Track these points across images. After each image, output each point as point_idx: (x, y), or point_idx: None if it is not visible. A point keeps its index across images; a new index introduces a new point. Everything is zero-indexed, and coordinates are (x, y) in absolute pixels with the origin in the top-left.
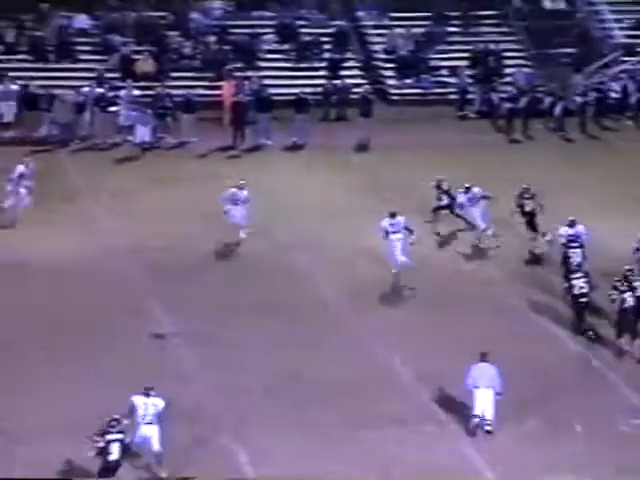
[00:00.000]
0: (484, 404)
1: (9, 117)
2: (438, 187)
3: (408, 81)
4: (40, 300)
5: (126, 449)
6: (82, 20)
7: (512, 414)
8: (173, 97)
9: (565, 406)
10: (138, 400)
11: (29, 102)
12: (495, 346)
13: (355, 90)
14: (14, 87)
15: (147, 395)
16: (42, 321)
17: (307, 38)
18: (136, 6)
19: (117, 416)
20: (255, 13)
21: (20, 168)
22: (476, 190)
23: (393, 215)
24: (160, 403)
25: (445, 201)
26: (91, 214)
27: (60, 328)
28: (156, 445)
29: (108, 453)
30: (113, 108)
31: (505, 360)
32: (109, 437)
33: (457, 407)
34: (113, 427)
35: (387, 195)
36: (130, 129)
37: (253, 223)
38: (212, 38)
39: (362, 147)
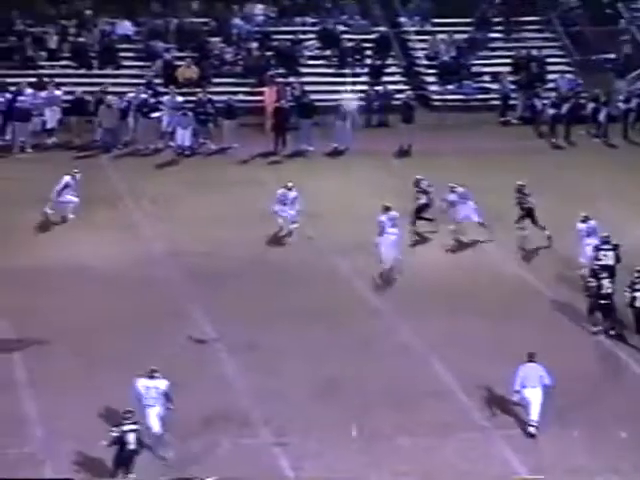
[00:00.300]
0: (533, 405)
1: (53, 123)
2: (417, 185)
3: (450, 87)
4: (82, 303)
5: (141, 439)
6: (125, 26)
7: (556, 421)
8: (215, 103)
9: (609, 413)
10: (142, 383)
11: (74, 108)
12: (541, 353)
13: (397, 96)
14: (58, 93)
15: (151, 377)
16: (83, 324)
17: (349, 44)
18: (179, 12)
19: (131, 408)
20: (297, 19)
21: (66, 179)
22: (461, 190)
23: (388, 209)
24: (163, 384)
25: (423, 200)
26: (133, 219)
27: (101, 332)
28: (156, 427)
29: (125, 443)
30: (156, 114)
31: (547, 366)
32: (125, 428)
33: (501, 414)
34: (128, 418)
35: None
36: (172, 135)
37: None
38: (254, 44)
39: (403, 153)
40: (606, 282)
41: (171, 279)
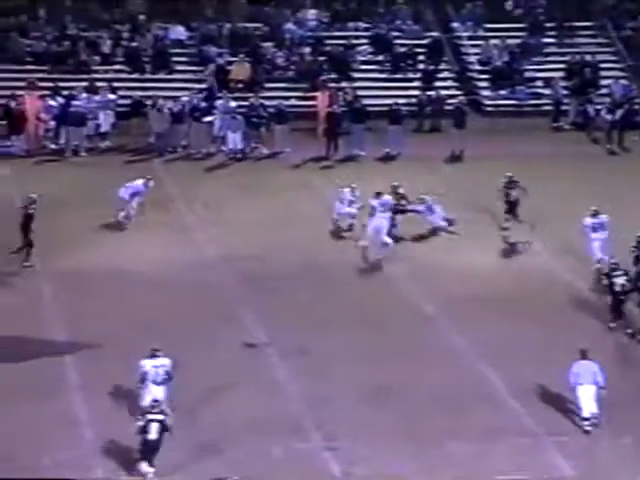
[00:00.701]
0: (587, 401)
1: (106, 127)
2: (395, 193)
3: (502, 92)
4: (134, 307)
5: (165, 430)
6: (178, 31)
7: (608, 429)
8: (266, 107)
9: None
10: (146, 363)
11: (127, 112)
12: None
13: (449, 101)
14: (112, 97)
15: (154, 357)
16: (135, 327)
17: (402, 49)
18: (231, 17)
19: (158, 398)
20: (350, 24)
21: (137, 183)
22: (388, 198)
23: (379, 194)
24: (167, 362)
25: (407, 206)
26: (185, 223)
27: (153, 335)
28: (159, 394)
29: (147, 432)
30: (208, 118)
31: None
32: (149, 417)
33: (551, 420)
34: (154, 408)
35: (480, 206)
36: (224, 139)
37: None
38: (307, 49)
39: (455, 158)
40: (621, 280)
41: (223, 283)
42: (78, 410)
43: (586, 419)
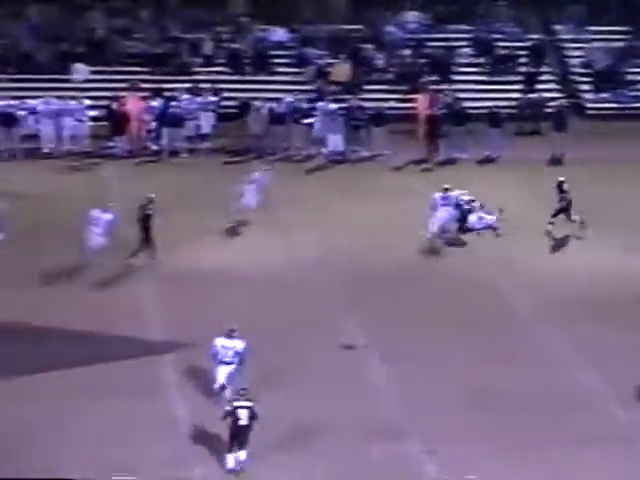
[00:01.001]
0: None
1: (207, 129)
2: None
3: (605, 95)
4: (234, 306)
5: (254, 417)
6: (279, 33)
7: None
8: (366, 109)
9: None
10: (220, 342)
11: (232, 114)
12: None
13: (550, 104)
14: (213, 99)
15: (230, 337)
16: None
17: (503, 52)
18: (332, 19)
19: (246, 386)
20: (451, 26)
21: (255, 175)
22: (452, 194)
23: (447, 190)
24: (240, 345)
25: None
26: (284, 224)
27: (253, 335)
28: (227, 382)
29: (237, 418)
30: (308, 120)
31: None
32: (237, 403)
33: None
34: (243, 395)
35: (580, 210)
36: (324, 141)
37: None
38: (407, 51)
39: (556, 161)
40: None
41: (322, 284)
42: (177, 409)
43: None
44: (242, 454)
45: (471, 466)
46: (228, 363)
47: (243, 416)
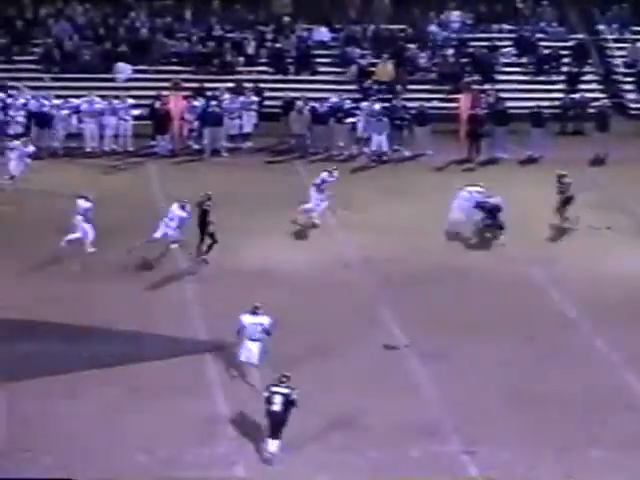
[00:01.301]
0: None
1: (248, 128)
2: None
3: None
4: (276, 306)
5: (291, 404)
6: (322, 32)
7: None
8: (408, 109)
9: None
10: (246, 319)
11: (270, 113)
12: None
13: (593, 104)
14: (255, 98)
15: (254, 314)
16: (279, 327)
17: (546, 51)
18: (375, 18)
19: (288, 373)
20: (494, 26)
21: (323, 175)
22: (473, 189)
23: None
24: (265, 320)
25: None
26: (326, 224)
27: (295, 335)
28: (254, 359)
29: (271, 403)
30: (349, 120)
31: None
32: (274, 389)
33: None
34: (282, 382)
35: (623, 210)
36: (367, 141)
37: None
38: (450, 51)
39: (599, 161)
40: None
41: (363, 284)
42: (219, 407)
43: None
44: (273, 445)
45: (513, 467)
46: (255, 340)
47: (277, 401)
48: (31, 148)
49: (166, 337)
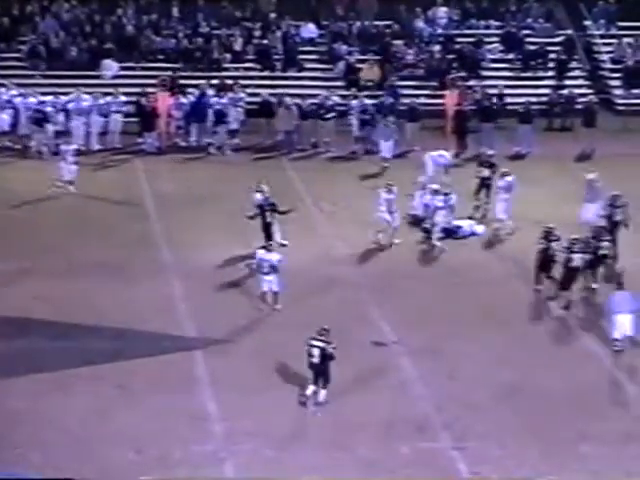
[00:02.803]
0: (625, 327)
1: (235, 125)
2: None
3: (635, 91)
4: (263, 302)
5: (327, 358)
6: (309, 29)
7: None
8: (396, 106)
9: None
10: (260, 254)
11: (256, 110)
12: None
13: (579, 100)
14: (242, 95)
15: (268, 251)
16: (264, 323)
17: (532, 47)
18: (361, 15)
19: (327, 327)
20: (481, 22)
21: (384, 195)
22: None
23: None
24: (275, 257)
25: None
26: (313, 220)
27: (282, 331)
28: (272, 287)
29: (311, 355)
30: (330, 115)
31: None
32: (312, 342)
33: None
34: (321, 335)
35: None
36: (364, 140)
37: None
38: (437, 47)
39: (585, 157)
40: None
41: (350, 281)
42: (208, 405)
43: (616, 340)
44: (322, 393)
45: (503, 463)
46: (266, 274)
47: (315, 354)
48: (73, 146)
49: (155, 334)
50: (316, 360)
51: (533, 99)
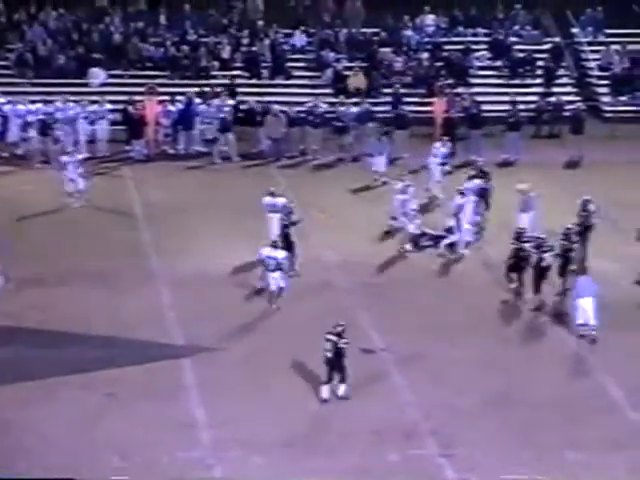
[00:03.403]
0: (587, 312)
1: (216, 133)
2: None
3: (623, 98)
4: (251, 309)
5: (339, 353)
6: (296, 36)
7: None
8: (372, 113)
9: None
10: (266, 252)
11: (243, 117)
12: None
13: (567, 107)
14: (230, 102)
15: (274, 248)
16: (252, 330)
17: (520, 55)
18: (349, 23)
19: (342, 322)
20: (468, 30)
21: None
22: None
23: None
24: (281, 254)
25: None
26: (301, 228)
27: (271, 338)
28: (279, 283)
29: (325, 350)
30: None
31: None
32: (327, 336)
33: None
34: (335, 328)
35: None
36: (350, 146)
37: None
38: (424, 54)
39: (573, 164)
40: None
41: (339, 287)
42: (196, 412)
43: (581, 325)
44: (341, 388)
45: (490, 469)
46: (272, 270)
47: (328, 348)
48: (80, 156)
49: (143, 342)
50: (330, 355)
51: (521, 106)
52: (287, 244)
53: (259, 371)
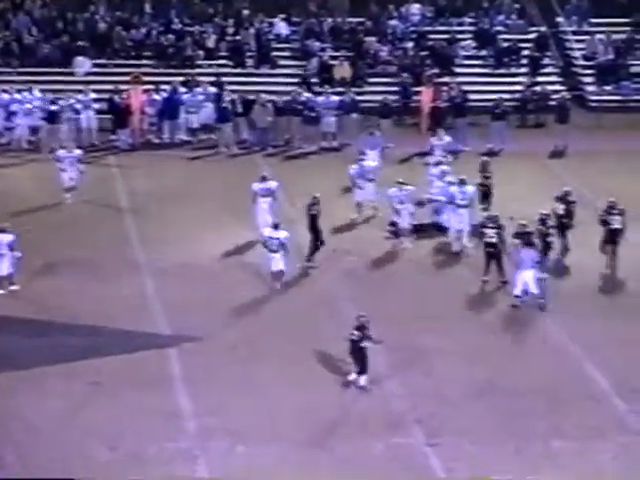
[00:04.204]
0: (527, 283)
1: (209, 121)
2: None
3: (607, 87)
4: (238, 299)
5: (357, 347)
6: (281, 26)
7: None
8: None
9: None
10: (267, 232)
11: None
12: None
13: (553, 96)
14: (213, 90)
15: (275, 229)
16: (239, 320)
17: (505, 44)
18: (334, 12)
19: (363, 314)
20: (454, 19)
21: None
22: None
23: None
24: (283, 234)
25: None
26: (287, 217)
27: (256, 327)
28: (279, 265)
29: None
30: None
31: None
32: (352, 331)
33: None
34: (357, 319)
35: (580, 204)
36: (334, 135)
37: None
38: (410, 44)
39: (559, 154)
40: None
41: (324, 277)
42: (182, 402)
43: (517, 296)
44: (361, 379)
45: (476, 459)
46: (274, 251)
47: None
48: (77, 152)
49: (129, 332)
50: (351, 346)
51: (506, 95)
52: (314, 234)
53: (245, 361)
